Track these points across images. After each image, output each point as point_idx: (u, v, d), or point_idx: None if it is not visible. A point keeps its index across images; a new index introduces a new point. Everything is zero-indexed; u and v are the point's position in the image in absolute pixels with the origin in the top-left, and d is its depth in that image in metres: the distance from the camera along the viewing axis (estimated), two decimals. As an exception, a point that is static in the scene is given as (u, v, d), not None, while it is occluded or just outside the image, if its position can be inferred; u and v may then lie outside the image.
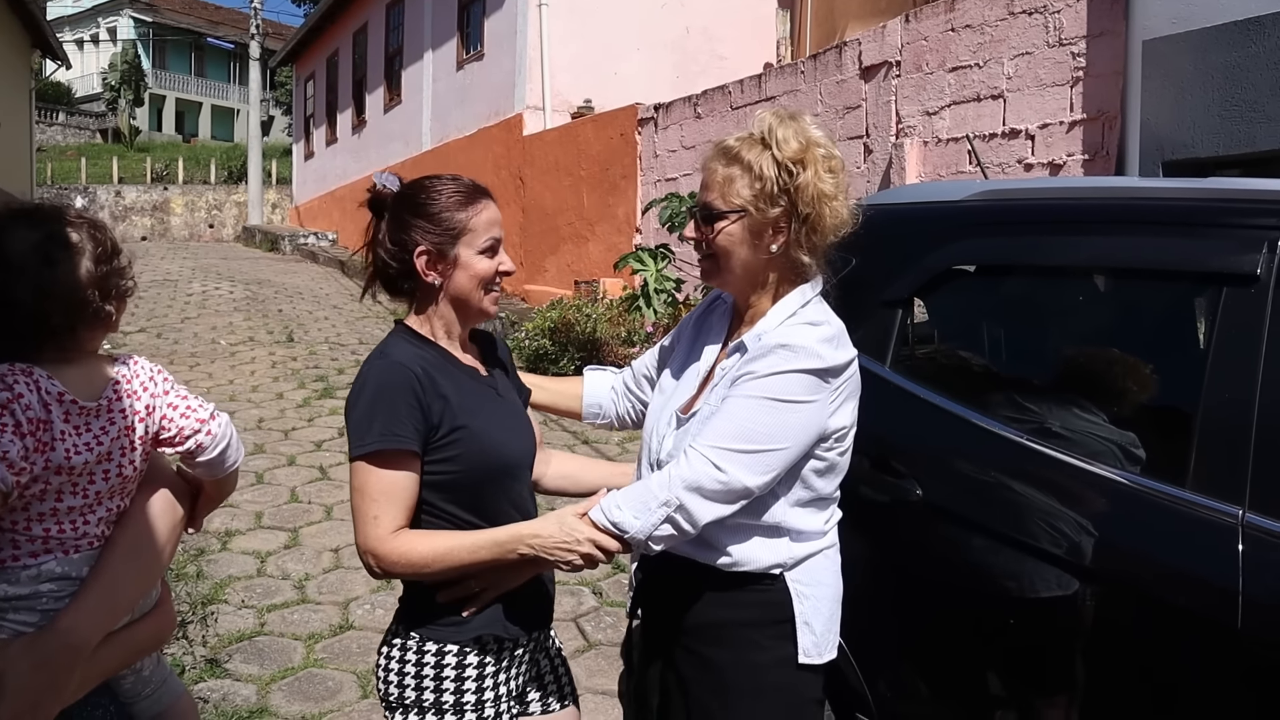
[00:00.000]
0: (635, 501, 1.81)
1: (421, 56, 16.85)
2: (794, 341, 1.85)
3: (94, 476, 1.42)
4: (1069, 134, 6.08)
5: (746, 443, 1.81)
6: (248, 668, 3.97)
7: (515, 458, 2.03)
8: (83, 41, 46.06)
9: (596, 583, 4.83)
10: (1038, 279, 2.63)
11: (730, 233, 1.92)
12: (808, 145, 1.88)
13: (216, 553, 5.06)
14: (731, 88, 9.47)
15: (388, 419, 1.82)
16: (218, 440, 1.57)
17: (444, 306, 1.99)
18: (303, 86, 25.77)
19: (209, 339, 11.01)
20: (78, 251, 1.41)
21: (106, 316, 1.45)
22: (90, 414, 1.42)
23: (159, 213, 28.47)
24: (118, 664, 1.52)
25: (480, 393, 2.01)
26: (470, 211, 1.95)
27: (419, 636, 1.92)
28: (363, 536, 1.84)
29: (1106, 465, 2.13)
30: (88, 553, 1.43)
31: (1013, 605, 2.22)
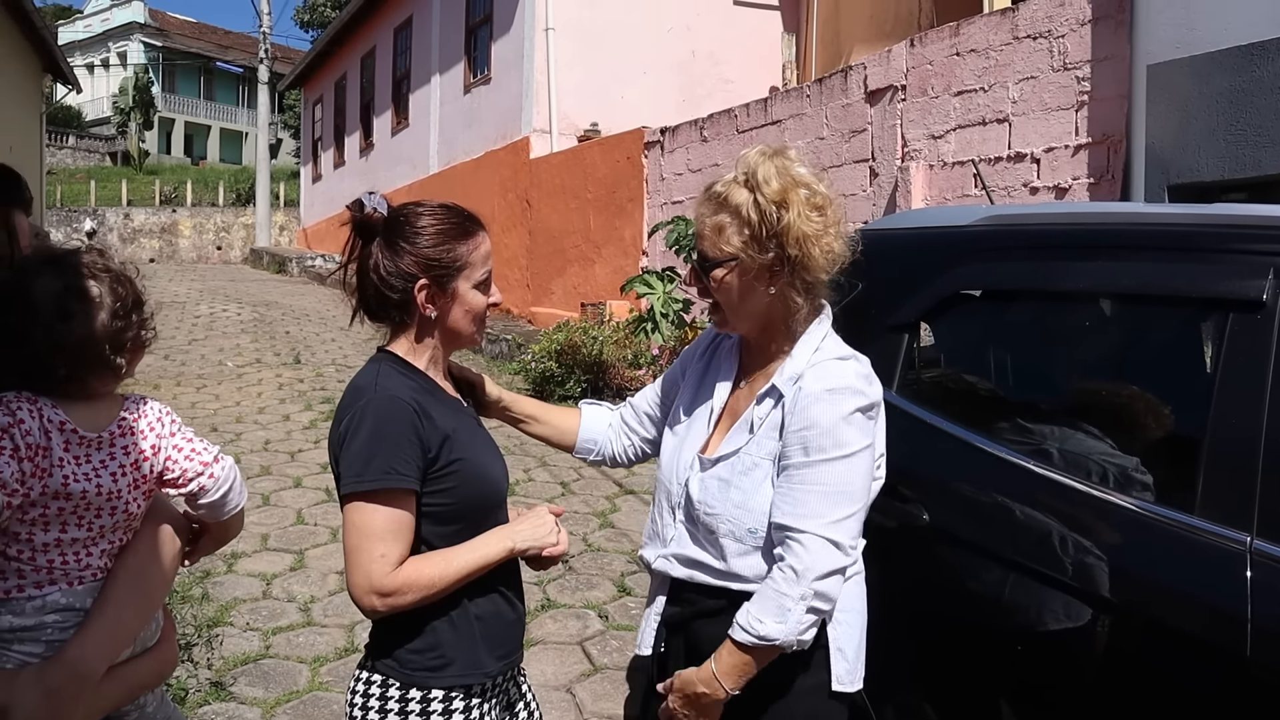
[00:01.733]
0: (772, 608, 1.81)
1: (429, 80, 16.96)
2: (838, 384, 1.86)
3: (100, 511, 1.43)
4: (1074, 157, 6.10)
5: (847, 506, 1.84)
6: (253, 691, 3.96)
7: (502, 488, 2.04)
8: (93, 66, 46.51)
9: (602, 606, 4.82)
10: (1044, 304, 2.63)
11: (729, 282, 1.92)
12: (790, 186, 1.87)
13: (222, 575, 5.06)
14: (737, 111, 9.51)
15: (389, 456, 1.79)
16: (220, 484, 1.58)
17: (435, 338, 1.97)
18: (311, 110, 25.94)
19: (216, 361, 11.04)
20: (95, 305, 1.42)
21: (117, 368, 1.47)
22: (91, 445, 1.43)
23: (167, 235, 28.62)
24: (121, 698, 1.52)
25: (468, 423, 2.01)
26: (470, 245, 1.94)
27: (392, 678, 1.88)
28: (364, 575, 1.78)
29: (1113, 491, 2.13)
30: (91, 584, 1.44)
31: (1020, 631, 2.21)
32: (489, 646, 1.93)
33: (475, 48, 15.35)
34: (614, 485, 6.86)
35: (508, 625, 1.98)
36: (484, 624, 1.92)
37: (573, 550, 5.56)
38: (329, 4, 39.67)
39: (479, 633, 1.91)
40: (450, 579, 1.83)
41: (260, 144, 26.11)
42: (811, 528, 1.81)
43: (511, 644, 2.00)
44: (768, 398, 1.93)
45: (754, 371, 2.03)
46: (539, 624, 4.63)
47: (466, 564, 1.86)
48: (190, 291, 17.45)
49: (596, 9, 13.00)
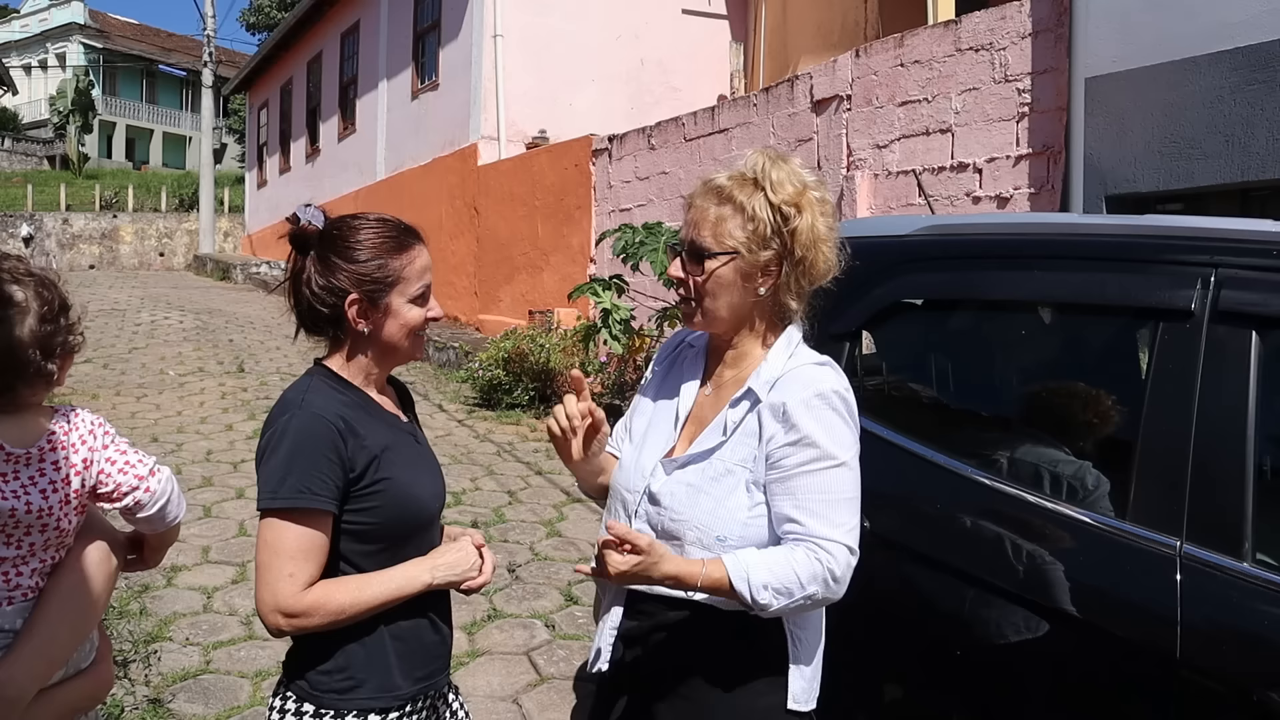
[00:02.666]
0: (782, 585, 1.75)
1: (376, 86, 16.83)
2: (826, 388, 1.85)
3: (30, 529, 1.39)
4: (1015, 168, 6.20)
5: (856, 512, 1.84)
6: (192, 707, 3.88)
7: (432, 508, 2.00)
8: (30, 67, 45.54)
9: (549, 615, 4.80)
10: (983, 313, 2.67)
11: (720, 275, 1.89)
12: (804, 189, 1.87)
13: (161, 589, 4.96)
14: (685, 119, 9.55)
15: (304, 475, 1.76)
16: (157, 497, 1.54)
17: (370, 353, 1.94)
18: (256, 114, 25.62)
19: (157, 369, 10.85)
20: (22, 310, 1.38)
21: (48, 375, 1.43)
22: (20, 461, 1.39)
23: (108, 241, 28.08)
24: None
25: (401, 440, 1.97)
26: (404, 259, 1.90)
27: (306, 700, 1.85)
28: (271, 594, 1.76)
29: (1050, 497, 2.17)
30: (21, 605, 1.40)
31: (958, 637, 2.24)
32: (405, 668, 1.90)
33: (423, 54, 15.26)
34: (561, 494, 6.85)
35: (427, 646, 1.95)
36: (401, 644, 1.89)
37: (519, 560, 5.54)
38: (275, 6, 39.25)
39: (394, 654, 1.88)
40: (361, 607, 1.81)
41: (204, 149, 25.71)
42: (834, 535, 1.79)
43: (433, 665, 1.97)
44: (743, 401, 1.90)
45: (723, 377, 2.00)
46: (485, 634, 4.60)
47: (379, 594, 1.83)
48: (131, 299, 17.14)
49: (545, 16, 12.99)
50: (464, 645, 4.48)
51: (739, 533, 1.84)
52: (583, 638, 4.55)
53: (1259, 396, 1.93)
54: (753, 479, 1.86)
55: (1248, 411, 1.92)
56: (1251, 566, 1.84)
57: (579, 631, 4.62)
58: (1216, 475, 1.92)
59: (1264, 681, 1.77)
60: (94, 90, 42.90)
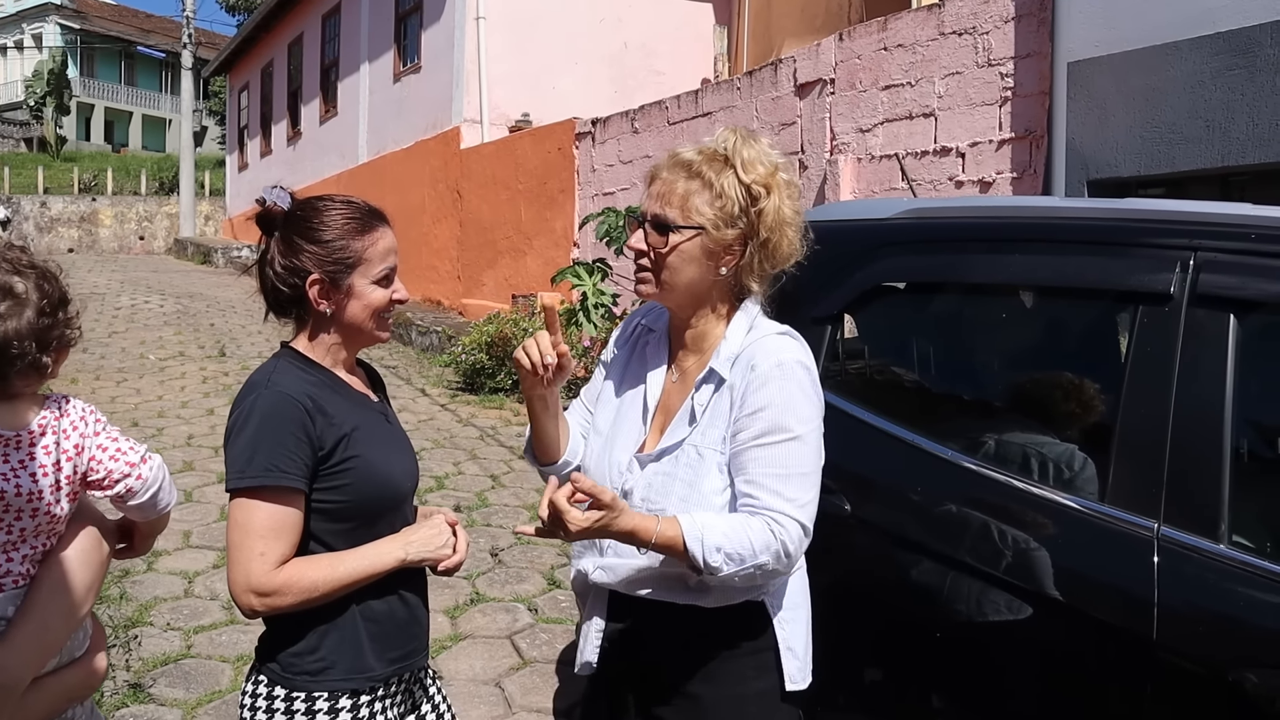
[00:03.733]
0: (734, 551, 1.72)
1: (358, 68, 16.70)
2: (787, 358, 1.83)
3: (20, 513, 1.38)
4: (998, 152, 6.21)
5: (813, 487, 1.81)
6: (173, 692, 3.87)
7: (404, 487, 2.00)
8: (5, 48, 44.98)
9: (532, 599, 4.80)
10: (964, 296, 2.67)
11: (684, 250, 1.86)
12: (774, 170, 1.86)
13: (141, 573, 4.94)
14: (669, 103, 9.52)
15: (271, 453, 1.77)
16: (149, 484, 1.54)
17: (334, 334, 1.94)
18: (236, 97, 25.40)
19: (137, 354, 10.78)
20: (21, 303, 1.37)
21: (43, 367, 1.42)
22: (11, 444, 1.38)
23: (87, 224, 27.82)
24: (46, 710, 1.47)
25: (371, 420, 1.97)
26: (366, 240, 1.90)
27: (278, 682, 1.86)
28: (244, 573, 1.76)
29: (1030, 480, 2.18)
30: (12, 592, 1.39)
31: (938, 619, 2.25)
32: (379, 650, 1.90)
33: (405, 36, 15.16)
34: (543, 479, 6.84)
35: (401, 627, 1.94)
36: (374, 626, 1.89)
37: (502, 544, 5.54)
38: (255, -12, 38.88)
39: (367, 635, 1.88)
40: (334, 584, 1.81)
41: (184, 131, 25.52)
42: (788, 510, 1.76)
43: (408, 647, 1.96)
44: (706, 384, 1.88)
45: (686, 362, 1.98)
46: (468, 618, 4.60)
47: (352, 571, 1.83)
48: (111, 283, 17.01)
49: (528, -1, 12.93)
50: (446, 629, 4.48)
51: None
52: (565, 621, 4.55)
53: (1236, 380, 1.94)
54: (724, 460, 1.85)
55: (1225, 394, 1.93)
56: (1228, 549, 1.85)
57: (561, 615, 4.63)
58: (1194, 458, 1.93)
59: (1239, 663, 1.79)
60: (71, 71, 42.43)
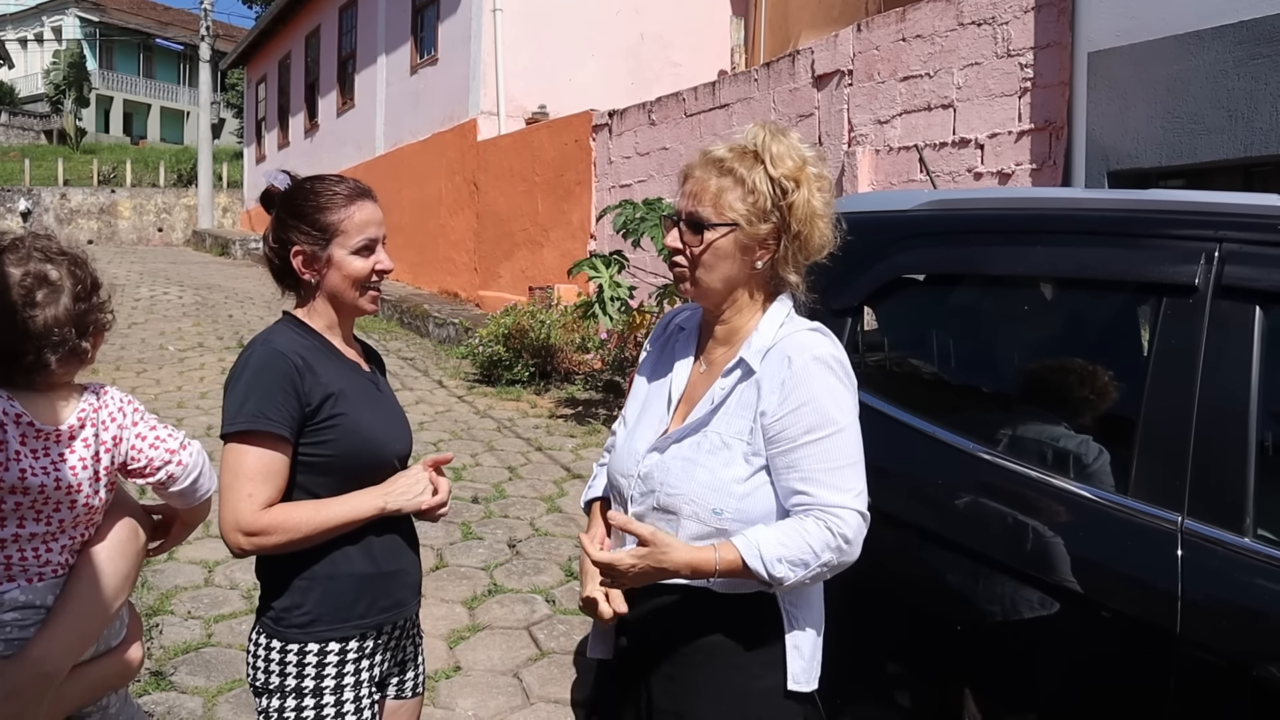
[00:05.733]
0: (796, 557, 1.76)
1: (375, 60, 16.73)
2: (824, 353, 1.85)
3: (59, 505, 1.40)
4: (1017, 143, 6.18)
5: (862, 474, 1.85)
6: (194, 680, 3.90)
7: (390, 449, 2.12)
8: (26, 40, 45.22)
9: (549, 591, 4.82)
10: (985, 288, 2.66)
11: (719, 246, 1.89)
12: (803, 164, 1.88)
13: (162, 563, 4.98)
14: (686, 95, 9.50)
15: (261, 401, 1.91)
16: (189, 470, 1.56)
17: (321, 302, 2.09)
18: (254, 89, 25.48)
19: (157, 345, 10.84)
20: (57, 290, 1.39)
21: (83, 353, 1.44)
22: (50, 438, 1.39)
23: (106, 216, 27.99)
24: (84, 698, 1.49)
25: (360, 384, 2.11)
26: (343, 213, 2.03)
27: (273, 635, 2.00)
28: (233, 513, 1.89)
29: (1052, 473, 2.17)
30: (51, 581, 1.41)
31: (960, 614, 2.24)
32: (367, 601, 2.03)
33: (422, 28, 15.17)
34: (561, 470, 6.86)
35: (384, 578, 2.06)
36: (362, 579, 2.02)
37: (520, 535, 5.55)
38: (272, -19, 38.96)
39: (352, 586, 2.01)
40: (317, 527, 1.94)
41: (202, 123, 25.62)
42: (842, 501, 1.80)
43: (395, 596, 2.08)
44: (735, 370, 1.90)
45: (714, 353, 1.99)
46: (485, 609, 4.62)
47: (334, 515, 1.96)
48: (130, 274, 17.10)
49: (545, -10, 12.91)
50: (465, 620, 4.50)
51: (735, 505, 1.84)
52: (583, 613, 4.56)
53: (1262, 372, 1.92)
54: (751, 451, 1.85)
55: (1250, 387, 1.92)
56: (1252, 542, 1.84)
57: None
58: (1218, 451, 1.92)
59: (1264, 657, 1.78)
60: (90, 64, 42.64)
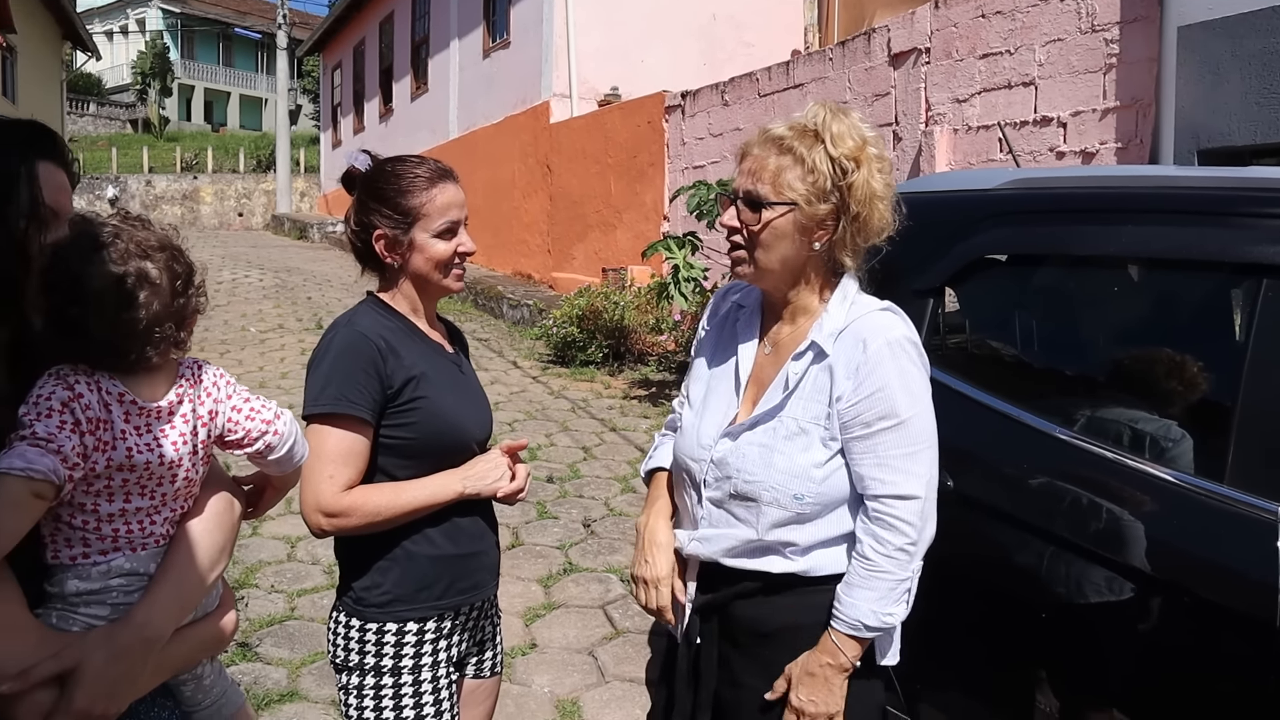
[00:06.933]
0: (893, 595, 1.80)
1: (448, 45, 16.86)
2: (895, 336, 1.83)
3: (161, 480, 1.44)
4: (1102, 122, 6.01)
5: (932, 461, 1.84)
6: (278, 651, 4.01)
7: (470, 432, 2.12)
8: (112, 33, 46.44)
9: (624, 570, 4.84)
10: (1070, 269, 2.60)
11: (777, 225, 1.86)
12: (863, 144, 1.85)
13: (247, 538, 5.12)
14: (759, 75, 9.42)
15: (343, 384, 1.93)
16: (285, 439, 1.60)
17: (405, 285, 2.09)
18: (330, 75, 25.86)
19: (239, 327, 11.10)
20: (157, 288, 1.41)
21: (180, 342, 1.47)
22: (151, 415, 1.44)
23: (189, 202, 28.69)
24: (183, 662, 1.55)
25: (443, 366, 2.11)
26: (424, 196, 2.02)
27: (352, 614, 2.04)
28: (314, 494, 1.93)
29: (1143, 459, 2.11)
30: (154, 550, 1.46)
31: (1046, 601, 2.20)
32: (445, 582, 2.04)
33: (494, 12, 15.23)
34: (635, 450, 6.88)
35: (461, 560, 2.07)
36: (440, 561, 2.03)
37: (594, 515, 5.59)
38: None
39: (432, 569, 2.03)
40: (396, 510, 1.96)
41: (280, 110, 26.09)
42: (913, 490, 1.79)
43: (469, 580, 2.09)
44: (806, 354, 1.88)
45: (780, 334, 1.97)
46: (561, 587, 4.67)
47: (414, 499, 1.97)
48: (212, 258, 17.50)
49: (616, -29, 12.88)
50: (540, 598, 4.55)
51: (816, 490, 1.83)
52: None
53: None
54: (828, 435, 1.84)
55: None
56: (1356, 531, 1.78)
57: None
58: (1319, 436, 1.86)
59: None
60: (172, 54, 43.66)
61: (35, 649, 1.31)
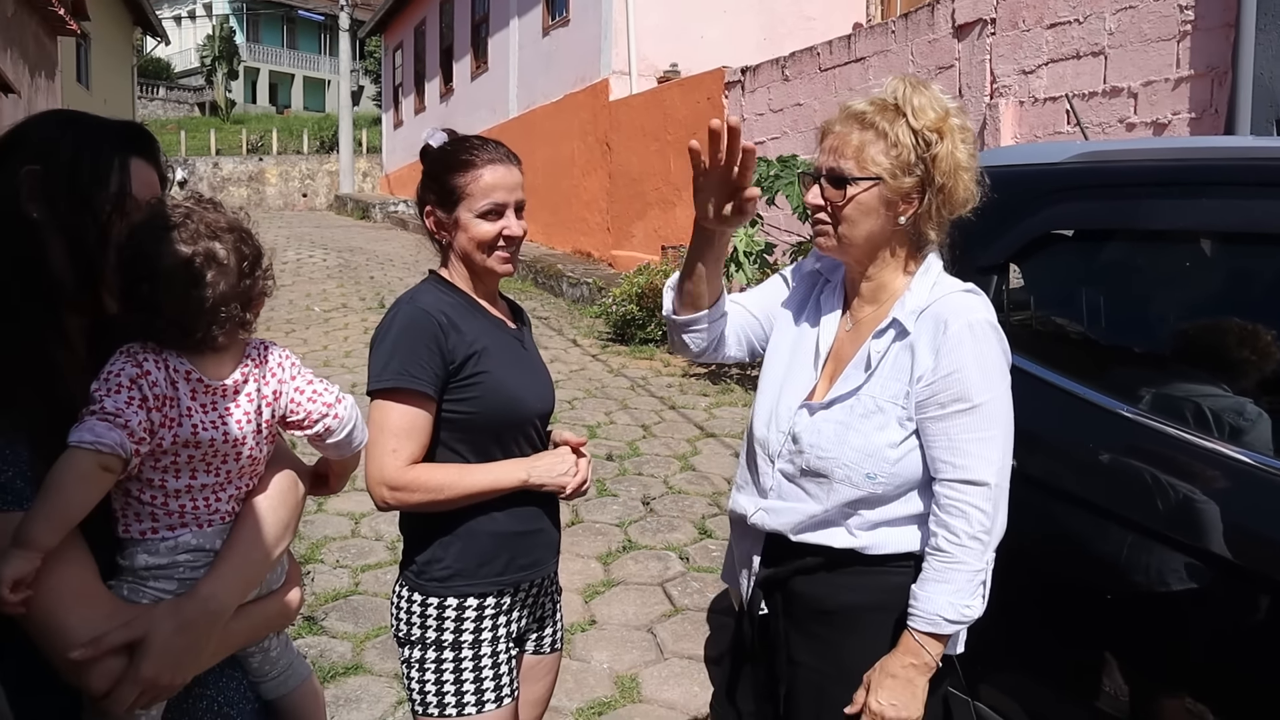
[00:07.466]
0: (960, 590, 1.77)
1: (507, 24, 16.89)
2: (978, 318, 1.81)
3: (226, 458, 1.47)
4: (1175, 91, 5.84)
5: (1007, 447, 1.82)
6: (343, 625, 4.09)
7: (531, 408, 2.13)
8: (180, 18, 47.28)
9: (683, 548, 4.85)
10: (1141, 244, 2.53)
11: (861, 201, 1.85)
12: (945, 115, 1.83)
13: (312, 514, 5.21)
14: (820, 49, 9.30)
15: (406, 359, 1.96)
16: (345, 423, 1.61)
17: (456, 262, 2.12)
18: (391, 56, 26.07)
19: (303, 306, 11.28)
20: (226, 270, 1.44)
21: (247, 323, 1.50)
22: (217, 393, 1.46)
23: (254, 183, 29.14)
24: (248, 636, 1.58)
25: (505, 341, 2.12)
26: (470, 176, 2.04)
27: (415, 588, 2.07)
28: (378, 468, 1.96)
29: (1216, 439, 2.05)
30: (220, 527, 1.49)
31: (1116, 586, 2.16)
32: (502, 559, 2.06)
33: (553, -11, 15.23)
34: (694, 428, 6.88)
35: (523, 537, 2.09)
36: (501, 538, 2.06)
37: (653, 492, 5.60)
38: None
39: (488, 546, 2.05)
40: (458, 492, 1.99)
41: (342, 91, 26.35)
42: (983, 475, 1.77)
43: (529, 557, 2.11)
44: (889, 330, 1.86)
45: (862, 311, 1.96)
46: (620, 565, 4.68)
47: (477, 482, 2.00)
48: (277, 238, 17.77)
49: (675, -54, 12.77)
50: (600, 575, 4.57)
51: (889, 470, 1.82)
52: (716, 570, 4.58)
53: None
54: (905, 415, 1.83)
55: None
56: None
57: (712, 564, 4.66)
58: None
59: None
60: (238, 38, 44.32)
61: (107, 618, 1.34)
